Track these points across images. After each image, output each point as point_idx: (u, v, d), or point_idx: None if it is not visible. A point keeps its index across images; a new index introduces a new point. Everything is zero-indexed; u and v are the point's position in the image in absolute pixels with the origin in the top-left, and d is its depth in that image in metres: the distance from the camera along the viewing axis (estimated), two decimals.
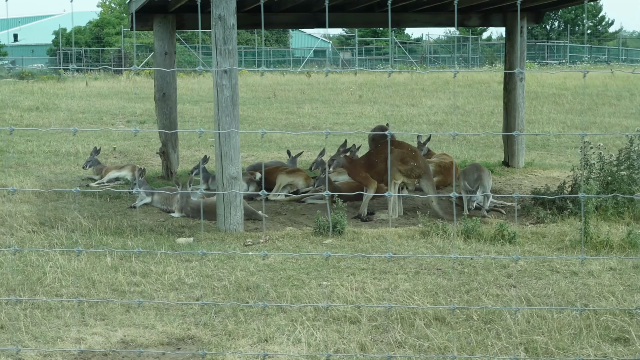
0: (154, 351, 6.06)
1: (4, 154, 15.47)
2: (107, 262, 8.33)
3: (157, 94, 13.08)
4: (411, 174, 10.81)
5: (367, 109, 24.83)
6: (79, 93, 29.91)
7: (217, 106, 9.78)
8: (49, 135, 18.54)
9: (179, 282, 7.75)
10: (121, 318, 6.70)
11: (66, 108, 24.14)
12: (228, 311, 6.88)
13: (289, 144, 17.30)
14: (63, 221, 10.17)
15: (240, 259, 8.56)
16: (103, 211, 10.99)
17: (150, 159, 15.38)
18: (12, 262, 8.35)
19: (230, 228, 9.79)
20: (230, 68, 9.65)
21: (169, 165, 13.18)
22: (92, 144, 16.53)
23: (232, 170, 9.79)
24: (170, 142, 13.21)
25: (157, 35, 12.87)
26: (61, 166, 14.59)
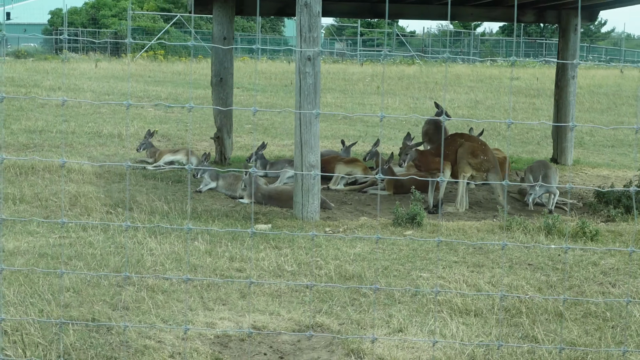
0: (288, 338, 6.05)
1: (46, 134, 15.37)
2: (197, 246, 8.30)
3: (214, 78, 13.03)
4: (480, 167, 10.83)
5: (388, 101, 24.82)
6: (93, 74, 29.73)
7: (299, 93, 9.75)
8: (83, 116, 18.43)
9: (279, 269, 7.74)
10: (242, 304, 6.69)
11: (89, 89, 24.00)
12: (342, 300, 6.88)
13: (326, 133, 17.28)
14: (137, 203, 10.13)
15: (330, 248, 8.56)
16: (170, 194, 10.93)
17: (195, 143, 15.33)
18: (103, 242, 8.33)
19: (308, 216, 9.78)
20: (314, 56, 9.63)
21: (223, 150, 13.14)
22: (130, 127, 16.46)
23: (311, 158, 9.78)
24: (225, 128, 13.17)
25: (217, 20, 12.80)
26: (107, 147, 14.51)
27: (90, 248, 8.14)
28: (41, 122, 16.64)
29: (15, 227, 8.89)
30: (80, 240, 8.46)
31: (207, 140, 15.52)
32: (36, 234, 8.67)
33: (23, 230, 8.76)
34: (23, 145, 14.25)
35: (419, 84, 31.60)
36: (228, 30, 12.82)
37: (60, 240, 8.44)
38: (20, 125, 16.15)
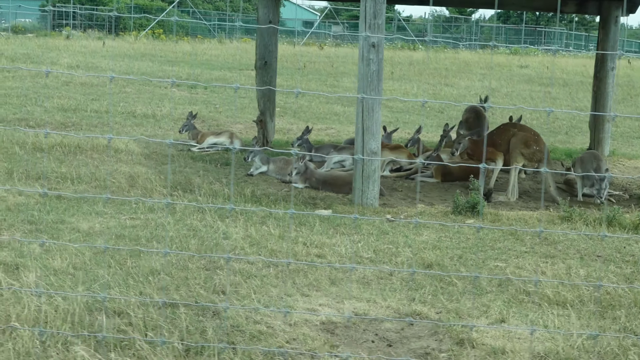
0: (391, 325, 6.08)
1: (81, 113, 15.32)
2: (269, 231, 8.32)
3: (259, 62, 13.01)
4: (533, 157, 10.88)
5: (406, 86, 24.82)
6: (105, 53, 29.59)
7: (362, 80, 9.77)
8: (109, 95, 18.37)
9: (357, 256, 7.77)
10: (335, 290, 6.72)
11: (108, 68, 23.89)
12: (430, 288, 6.92)
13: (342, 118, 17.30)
14: (194, 186, 10.14)
15: (397, 235, 8.60)
16: (223, 177, 10.95)
17: (229, 125, 15.31)
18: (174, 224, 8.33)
19: (367, 202, 9.82)
20: (378, 42, 9.64)
21: (266, 133, 13.15)
22: (162, 108, 16.43)
23: (372, 145, 9.81)
24: (268, 111, 13.17)
25: (262, 2, 12.78)
26: (144, 128, 14.49)
27: (163, 230, 8.14)
28: (72, 101, 16.58)
29: (82, 207, 8.89)
30: (151, 222, 8.47)
31: (242, 122, 15.53)
32: (105, 214, 8.66)
33: (91, 211, 8.76)
34: (61, 124, 14.21)
35: (429, 70, 31.61)
36: (274, 13, 12.80)
37: (132, 221, 8.45)
38: (53, 103, 16.08)
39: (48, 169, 10.55)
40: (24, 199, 9.10)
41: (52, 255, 7.06)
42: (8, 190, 9.37)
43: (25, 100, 16.57)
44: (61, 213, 8.60)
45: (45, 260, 6.90)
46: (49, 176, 10.20)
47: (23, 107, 15.47)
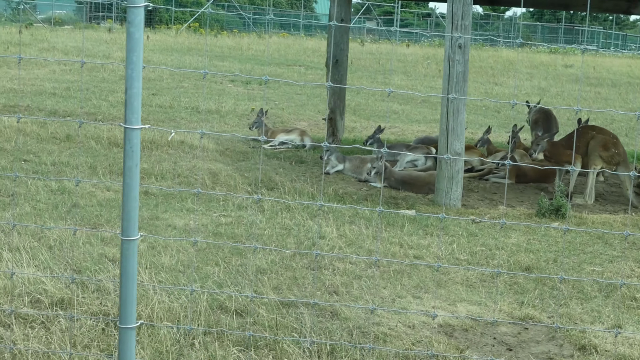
0: (506, 329, 6.09)
1: (146, 108, 15.42)
2: (360, 231, 8.34)
3: (330, 60, 13.03)
4: (611, 161, 10.83)
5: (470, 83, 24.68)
6: (154, 46, 29.73)
7: (447, 81, 9.77)
8: (167, 90, 18.47)
9: (453, 257, 7.79)
10: (443, 292, 6.74)
11: (161, 62, 24.00)
12: (535, 292, 6.91)
13: (416, 117, 17.29)
14: (274, 183, 10.19)
15: (486, 237, 8.60)
16: (299, 175, 10.99)
17: (293, 122, 15.35)
18: (266, 222, 8.37)
19: (450, 203, 9.83)
20: (464, 43, 9.63)
21: (335, 131, 13.17)
22: (221, 102, 16.49)
23: (457, 146, 9.81)
24: (338, 109, 13.20)
25: (336, 2, 12.78)
26: (210, 124, 14.55)
27: (257, 228, 8.18)
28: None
29: (171, 203, 8.96)
30: (242, 219, 8.52)
31: (305, 119, 15.56)
32: (196, 211, 8.72)
33: (181, 208, 8.83)
34: None
35: (475, 68, 31.44)
36: (346, 12, 12.82)
37: (225, 218, 8.51)
38: (117, 97, 16.19)
39: None
40: (113, 195, 9.19)
41: (157, 252, 7.12)
42: (95, 185, 9.47)
43: (88, 94, 16.69)
44: (152, 209, 8.67)
45: (152, 257, 6.96)
46: None
47: (89, 101, 15.59)
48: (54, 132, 12.17)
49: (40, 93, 16.40)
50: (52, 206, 8.47)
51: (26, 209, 8.29)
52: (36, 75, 19.17)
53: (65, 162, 10.51)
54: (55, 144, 11.71)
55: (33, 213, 8.15)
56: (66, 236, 7.29)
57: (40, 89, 16.90)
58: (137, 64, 3.03)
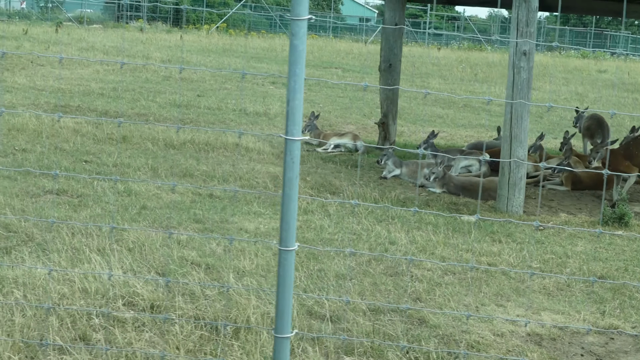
0: (593, 339, 6.09)
1: (193, 109, 15.49)
2: (427, 237, 8.35)
3: (383, 64, 13.06)
4: None
5: (494, 89, 24.70)
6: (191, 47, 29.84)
7: (511, 87, 9.76)
8: (211, 91, 18.54)
9: (523, 264, 7.78)
10: (523, 301, 6.74)
11: (199, 63, 24.09)
12: (617, 300, 6.90)
13: (462, 122, 17.26)
14: (335, 187, 10.21)
15: (553, 245, 8.59)
16: (356, 178, 11.00)
17: (341, 125, 15.37)
18: (334, 226, 8.39)
19: (512, 210, 9.82)
20: (529, 51, 9.63)
21: (388, 136, 13.19)
22: (267, 105, 16.52)
23: (520, 152, 9.80)
24: (391, 114, 13.21)
25: (389, 5, 12.81)
26: (259, 126, 14.60)
27: (327, 233, 8.21)
28: (181, 97, 16.76)
29: (237, 206, 9.00)
30: (310, 223, 8.55)
31: (352, 122, 15.58)
32: (263, 215, 8.77)
33: (249, 211, 8.86)
34: (180, 120, 14.38)
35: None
36: (400, 16, 12.83)
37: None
38: (164, 98, 16.28)
39: (188, 166, 10.70)
40: (178, 197, 9.24)
41: (234, 255, 7.16)
42: (160, 187, 9.53)
43: (135, 94, 16.79)
44: (220, 212, 8.72)
45: (230, 260, 7.00)
46: (193, 174, 10.34)
47: (137, 102, 15.68)
48: (110, 133, 12.25)
49: (88, 93, 16.51)
50: (122, 208, 8.53)
51: (97, 210, 8.36)
52: (81, 75, 19.30)
53: (126, 163, 10.58)
54: (112, 145, 11.79)
55: (104, 215, 8.21)
56: (144, 238, 7.34)
57: (88, 89, 17.01)
58: (299, 76, 3.06)
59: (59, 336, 5.06)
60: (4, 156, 10.68)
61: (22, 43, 24.85)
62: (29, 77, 18.18)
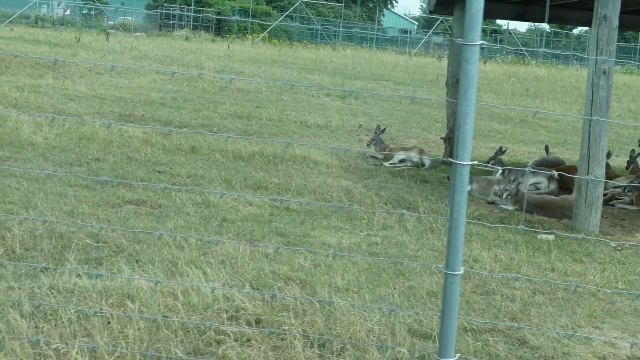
0: None
1: (255, 120, 15.56)
2: (509, 254, 8.32)
3: (451, 79, 13.05)
4: None
5: (548, 105, 24.57)
6: (242, 57, 30.00)
7: (589, 106, 9.71)
8: (268, 102, 18.62)
9: (609, 285, 7.72)
10: (617, 323, 6.69)
11: (252, 74, 24.21)
12: None
13: (522, 137, 17.19)
14: (408, 202, 10.21)
15: (634, 265, 8.52)
16: (427, 194, 10.99)
17: (403, 139, 15.37)
18: (415, 242, 8.38)
19: (589, 229, 9.76)
20: (609, 69, 9.58)
21: (454, 152, 13.14)
22: (327, 117, 16.56)
23: (597, 171, 9.74)
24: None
25: (457, 21, 12.82)
26: (322, 139, 14.63)
27: (409, 250, 8.21)
28: (241, 108, 16.86)
29: (318, 221, 9.03)
30: (390, 239, 8.55)
31: (413, 137, 15.58)
32: (342, 229, 8.78)
33: (328, 225, 8.88)
34: (243, 132, 14.46)
35: (557, 87, 31.20)
36: None
37: (373, 238, 8.55)
38: (225, 109, 16.38)
39: (260, 178, 10.75)
40: (256, 209, 9.29)
41: (323, 271, 7.18)
42: (236, 199, 9.58)
43: (195, 104, 16.91)
44: (299, 226, 8.75)
45: (321, 275, 7.02)
46: (266, 186, 10.39)
47: (199, 112, 15.79)
48: (179, 143, 12.34)
49: (149, 103, 16.66)
50: (203, 220, 8.59)
51: (179, 222, 8.42)
52: (139, 84, 19.48)
53: (199, 174, 10.66)
54: (182, 156, 11.88)
55: (187, 226, 8.27)
56: (233, 251, 7.39)
57: (149, 99, 17.16)
58: (471, 100, 3.08)
59: (174, 349, 5.10)
60: (78, 165, 10.80)
61: (77, 51, 25.14)
62: (88, 85, 18.39)
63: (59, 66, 20.86)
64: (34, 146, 11.58)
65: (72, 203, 8.76)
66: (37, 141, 11.81)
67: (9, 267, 6.66)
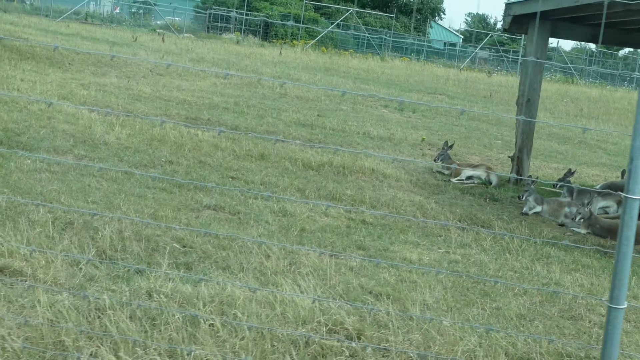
0: None
1: (319, 130, 15.59)
2: (589, 280, 8.26)
3: (521, 98, 13.01)
4: None
5: (605, 127, 24.36)
6: (297, 63, 30.07)
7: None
8: (328, 112, 18.65)
9: None
10: None
11: (309, 81, 24.27)
12: None
13: (588, 159, 17.06)
14: (480, 221, 10.18)
15: None
16: (498, 213, 10.95)
17: (466, 156, 15.32)
18: (493, 262, 8.36)
19: None
20: None
21: (521, 171, 13.11)
22: (384, 129, 16.56)
23: None
24: (525, 149, 13.14)
25: (530, 40, 12.76)
26: (385, 151, 14.63)
27: (489, 269, 8.18)
28: (303, 115, 16.90)
29: (395, 235, 9.03)
30: (469, 257, 8.53)
31: (476, 153, 15.53)
32: (420, 245, 8.78)
33: (406, 240, 8.88)
34: (308, 140, 14.48)
35: (611, 109, 30.92)
36: (542, 52, 12.76)
37: (452, 255, 8.53)
38: (288, 116, 16.44)
39: (332, 189, 10.77)
40: (332, 220, 9.30)
41: (408, 286, 7.18)
42: (312, 209, 9.61)
43: (258, 110, 16.99)
44: (377, 239, 8.75)
45: (408, 291, 7.02)
46: (340, 198, 10.41)
47: (262, 119, 15.86)
48: (248, 149, 12.40)
49: (213, 106, 16.77)
50: (283, 229, 8.62)
51: (260, 230, 8.46)
52: (199, 87, 19.61)
53: (273, 182, 10.70)
54: (252, 162, 11.93)
55: (268, 234, 8.31)
56: (318, 262, 7.41)
57: (212, 102, 17.27)
58: None
59: None
60: (152, 167, 10.89)
61: (136, 50, 25.35)
62: (152, 85, 18.54)
63: (120, 66, 21.07)
64: (107, 146, 11.69)
65: (152, 205, 8.83)
66: (110, 141, 11.92)
67: (101, 268, 6.74)
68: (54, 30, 31.21)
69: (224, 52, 30.80)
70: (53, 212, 7.83)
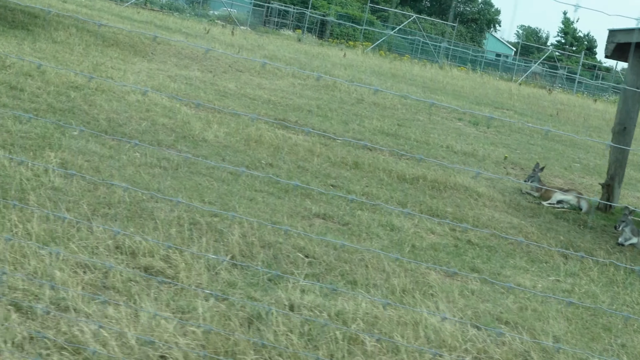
0: None
1: (404, 141, 15.63)
2: None
3: (618, 126, 12.96)
4: None
5: None
6: (365, 67, 30.10)
7: None
8: (404, 121, 18.67)
9: None
10: None
11: (381, 87, 24.29)
12: None
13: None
14: (578, 248, 10.16)
15: None
16: (599, 240, 10.92)
17: (549, 178, 15.27)
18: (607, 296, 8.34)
19: None
20: None
21: (611, 199, 13.07)
22: (467, 145, 16.53)
23: None
24: (617, 177, 13.09)
25: (632, 69, 12.71)
26: (470, 166, 14.62)
27: (598, 301, 8.16)
28: (385, 124, 16.94)
29: (505, 259, 9.04)
30: (579, 288, 8.52)
31: (559, 176, 15.49)
32: (529, 271, 8.79)
33: (514, 265, 8.90)
34: (397, 151, 14.52)
35: None
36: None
37: (558, 284, 8.53)
38: (372, 124, 16.49)
39: (432, 205, 10.80)
40: (438, 239, 9.34)
41: (531, 315, 7.20)
42: (417, 224, 9.65)
43: (339, 114, 17.05)
44: (486, 262, 8.78)
45: (533, 320, 7.04)
46: (441, 215, 10.45)
47: (347, 125, 15.93)
48: (342, 157, 12.48)
49: (297, 108, 16.87)
50: (395, 244, 8.68)
51: (374, 244, 8.52)
52: (279, 87, 19.73)
53: (374, 194, 10.76)
54: (347, 170, 12.00)
55: (384, 249, 8.37)
56: (440, 283, 7.47)
57: (296, 104, 17.38)
58: None
59: None
60: (254, 169, 10.99)
61: (212, 44, 25.54)
62: (235, 81, 18.69)
63: (200, 59, 21.24)
64: (207, 143, 11.82)
65: (264, 210, 8.93)
66: (208, 138, 12.04)
67: (233, 273, 6.84)
68: (128, 17, 31.51)
69: (292, 51, 30.90)
70: (174, 210, 7.96)
